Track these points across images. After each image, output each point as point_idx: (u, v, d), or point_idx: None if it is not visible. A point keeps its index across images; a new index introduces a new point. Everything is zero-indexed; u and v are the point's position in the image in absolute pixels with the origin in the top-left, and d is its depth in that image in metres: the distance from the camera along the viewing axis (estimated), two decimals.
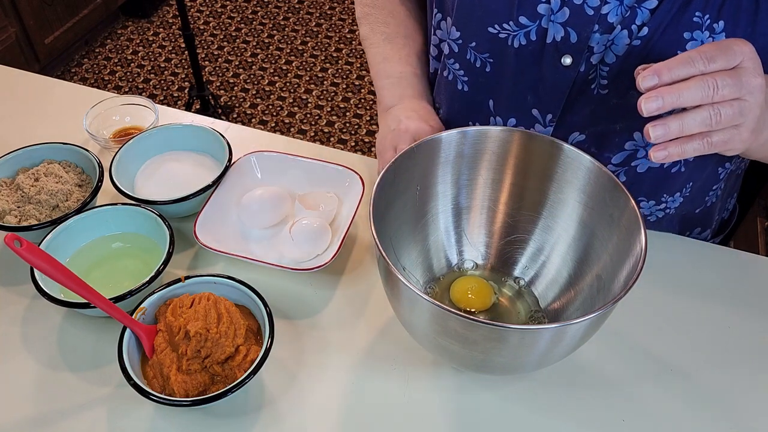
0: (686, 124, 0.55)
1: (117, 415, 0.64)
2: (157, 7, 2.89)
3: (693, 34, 0.63)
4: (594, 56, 0.67)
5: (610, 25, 0.65)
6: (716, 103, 0.54)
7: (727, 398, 0.67)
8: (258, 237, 0.79)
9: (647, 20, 0.64)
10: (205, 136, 0.85)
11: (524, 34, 0.69)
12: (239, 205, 0.79)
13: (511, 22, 0.69)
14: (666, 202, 0.79)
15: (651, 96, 0.54)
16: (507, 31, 0.69)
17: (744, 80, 0.54)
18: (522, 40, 0.69)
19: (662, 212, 0.80)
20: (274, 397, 0.66)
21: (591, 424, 0.65)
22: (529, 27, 0.68)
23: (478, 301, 0.70)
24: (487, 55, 0.73)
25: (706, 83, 0.54)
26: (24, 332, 0.71)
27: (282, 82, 2.59)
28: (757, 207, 1.53)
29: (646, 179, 0.76)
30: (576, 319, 0.52)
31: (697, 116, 0.55)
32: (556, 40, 0.67)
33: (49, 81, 1.03)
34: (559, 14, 0.66)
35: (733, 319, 0.73)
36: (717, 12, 0.62)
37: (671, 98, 0.54)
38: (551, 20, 0.67)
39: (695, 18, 0.63)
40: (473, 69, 0.75)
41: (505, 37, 0.70)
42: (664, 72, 0.55)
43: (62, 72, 2.60)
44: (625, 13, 0.65)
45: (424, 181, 0.69)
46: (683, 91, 0.54)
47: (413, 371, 0.68)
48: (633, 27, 0.65)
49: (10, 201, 0.77)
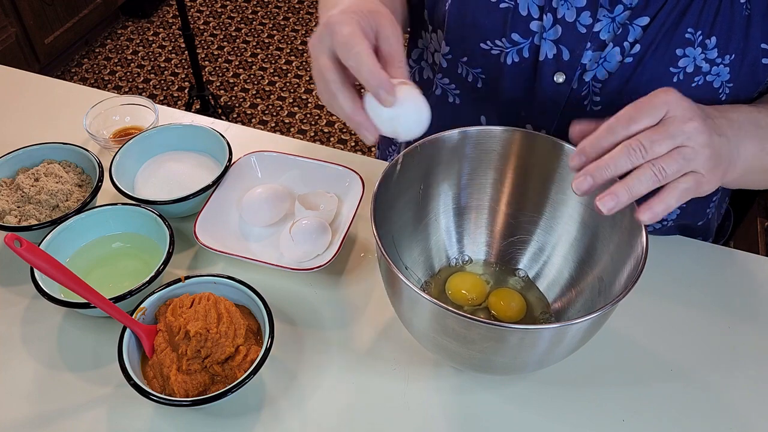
0: (633, 188, 0.52)
1: (117, 415, 0.64)
2: (157, 7, 2.89)
3: (685, 51, 0.63)
4: (587, 73, 0.67)
5: (602, 43, 0.65)
6: (652, 160, 0.52)
7: (727, 398, 0.67)
8: (258, 237, 0.79)
9: (639, 37, 0.64)
10: (205, 136, 0.85)
11: (517, 51, 0.69)
12: (240, 204, 0.79)
13: (503, 39, 0.68)
14: None
15: (579, 177, 0.52)
16: (499, 48, 0.69)
17: (673, 130, 0.52)
18: (515, 57, 0.69)
19: (659, 224, 0.80)
20: (274, 397, 0.66)
21: (591, 424, 0.65)
22: (521, 44, 0.68)
23: (474, 293, 0.70)
24: (479, 71, 0.73)
25: (630, 147, 0.51)
26: (24, 332, 0.71)
27: (282, 82, 2.59)
28: (757, 207, 1.53)
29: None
30: (576, 319, 0.52)
31: (641, 176, 0.52)
32: (548, 57, 0.67)
33: (49, 81, 1.03)
34: (552, 32, 0.66)
35: (733, 319, 0.73)
36: (709, 28, 0.62)
37: (600, 173, 0.52)
38: (543, 38, 0.67)
39: (687, 34, 0.63)
40: (464, 84, 0.75)
41: (497, 53, 0.70)
42: (587, 148, 0.53)
43: (62, 72, 2.60)
44: (617, 30, 0.64)
45: (425, 180, 0.69)
46: (609, 163, 0.52)
47: (413, 371, 0.68)
48: (625, 44, 0.64)
49: (10, 201, 0.77)
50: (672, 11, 0.62)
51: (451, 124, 0.77)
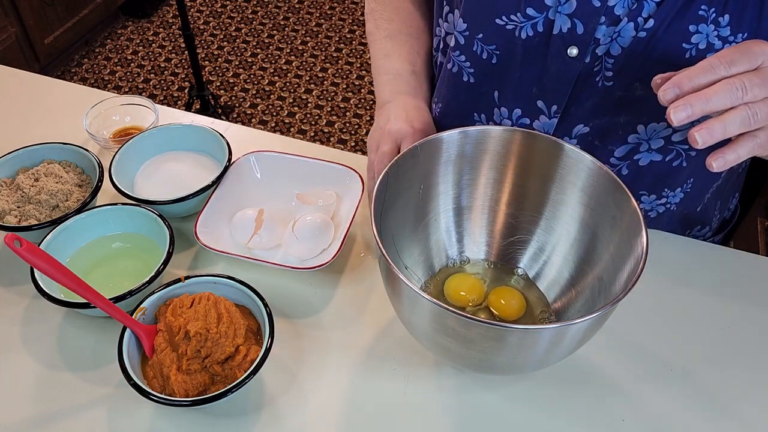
0: (728, 126, 0.53)
1: (117, 415, 0.64)
2: (157, 7, 2.89)
3: (698, 27, 0.64)
4: (600, 48, 0.68)
5: (617, 17, 0.66)
6: (749, 103, 0.53)
7: (727, 398, 0.67)
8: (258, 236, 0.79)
9: (653, 12, 0.64)
10: (204, 136, 0.85)
11: (531, 26, 0.69)
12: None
13: (518, 14, 0.69)
14: (667, 197, 0.79)
15: (679, 105, 0.53)
16: (514, 23, 0.70)
17: None
18: (529, 32, 0.70)
19: (663, 207, 0.80)
20: (274, 397, 0.66)
21: (591, 424, 0.65)
22: (536, 18, 0.69)
23: (473, 294, 0.70)
24: (494, 47, 0.73)
25: (733, 85, 0.53)
26: (24, 332, 0.71)
27: (282, 82, 2.59)
28: (757, 207, 1.53)
29: (647, 173, 0.76)
30: (576, 319, 0.52)
31: (736, 116, 0.53)
32: (562, 31, 0.68)
33: (49, 81, 1.03)
34: (566, 6, 0.67)
35: (733, 319, 0.73)
36: (723, 6, 0.63)
37: (700, 104, 0.53)
38: (558, 12, 0.67)
39: (701, 11, 0.63)
40: (479, 61, 0.75)
41: (512, 28, 0.70)
42: (685, 82, 0.54)
43: (62, 72, 2.60)
44: (631, 5, 0.65)
45: (425, 180, 0.69)
46: (711, 97, 0.53)
47: (413, 371, 0.68)
48: (639, 19, 0.65)
49: (10, 201, 0.77)
50: None
51: (464, 102, 0.80)
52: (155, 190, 0.81)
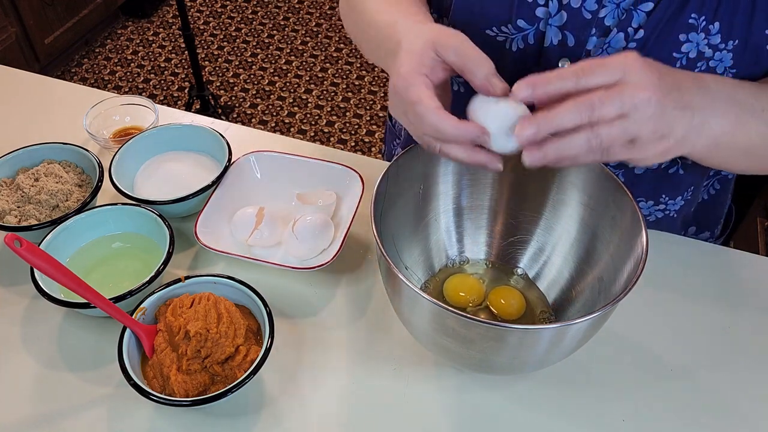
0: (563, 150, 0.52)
1: (117, 415, 0.64)
2: (157, 7, 2.89)
3: (688, 36, 0.63)
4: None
5: (607, 28, 0.65)
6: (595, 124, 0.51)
7: (727, 398, 0.67)
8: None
9: (643, 23, 0.64)
10: (204, 136, 0.85)
11: (522, 38, 0.69)
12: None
13: (509, 26, 0.69)
14: (665, 204, 0.79)
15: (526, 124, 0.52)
16: (505, 35, 0.69)
17: (626, 96, 0.50)
18: (520, 44, 0.69)
19: (661, 213, 0.80)
20: (274, 397, 0.66)
21: (591, 424, 0.65)
22: (527, 30, 0.68)
23: (473, 294, 0.70)
24: None
25: (580, 104, 0.51)
26: (24, 332, 0.71)
27: (282, 82, 2.59)
28: (757, 207, 1.53)
29: (644, 180, 0.76)
30: (576, 319, 0.52)
31: (574, 141, 0.51)
32: (553, 43, 0.67)
33: (49, 81, 1.03)
34: (557, 18, 0.66)
35: (733, 319, 0.73)
36: (713, 13, 0.62)
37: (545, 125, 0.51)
38: (549, 24, 0.67)
39: (691, 20, 0.63)
40: None
41: (502, 40, 0.70)
42: (538, 84, 0.52)
43: (62, 72, 2.60)
44: (621, 15, 0.65)
45: (425, 180, 0.69)
46: (555, 117, 0.51)
47: (413, 371, 0.68)
48: (629, 30, 0.65)
49: (10, 201, 0.77)
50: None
51: (454, 111, 0.77)
52: (155, 190, 0.81)
